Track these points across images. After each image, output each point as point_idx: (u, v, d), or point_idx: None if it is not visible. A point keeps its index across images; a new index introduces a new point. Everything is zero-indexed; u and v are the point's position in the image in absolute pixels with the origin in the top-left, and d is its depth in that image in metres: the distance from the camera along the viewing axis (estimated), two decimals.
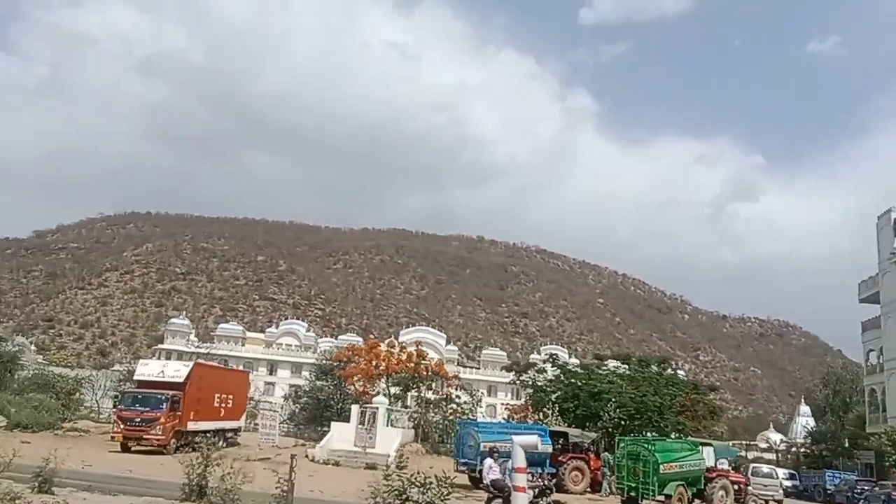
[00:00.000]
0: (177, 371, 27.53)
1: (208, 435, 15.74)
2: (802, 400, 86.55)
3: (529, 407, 42.63)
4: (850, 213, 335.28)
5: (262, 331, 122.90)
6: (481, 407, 60.24)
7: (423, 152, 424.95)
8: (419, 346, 48.12)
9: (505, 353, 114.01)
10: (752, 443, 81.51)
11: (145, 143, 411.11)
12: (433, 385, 44.36)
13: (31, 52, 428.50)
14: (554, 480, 20.34)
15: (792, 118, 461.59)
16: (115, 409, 25.44)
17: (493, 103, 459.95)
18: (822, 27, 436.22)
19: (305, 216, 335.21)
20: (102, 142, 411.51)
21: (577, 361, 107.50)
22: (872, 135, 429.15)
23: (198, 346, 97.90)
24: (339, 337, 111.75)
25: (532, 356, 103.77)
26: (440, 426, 37.36)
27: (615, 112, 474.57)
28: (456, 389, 46.23)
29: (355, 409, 31.81)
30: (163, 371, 27.35)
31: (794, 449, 69.40)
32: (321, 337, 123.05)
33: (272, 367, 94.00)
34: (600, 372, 40.76)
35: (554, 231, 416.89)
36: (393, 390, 42.20)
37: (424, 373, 43.66)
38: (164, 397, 25.71)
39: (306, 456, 27.58)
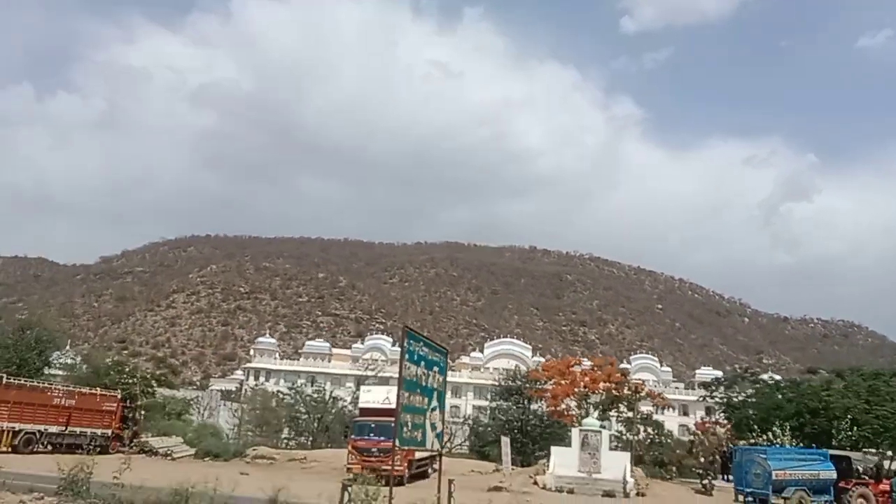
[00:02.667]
0: None
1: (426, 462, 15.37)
2: None
3: (715, 424, 41.30)
4: None
5: (347, 347, 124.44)
6: None
7: (470, 167, 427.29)
8: (612, 366, 46.33)
9: (591, 362, 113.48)
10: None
11: (199, 169, 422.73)
12: (636, 405, 42.71)
13: (88, 90, 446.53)
14: None
15: (845, 114, 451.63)
16: (349, 440, 25.33)
17: (537, 115, 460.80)
18: (873, 22, 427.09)
19: (358, 233, 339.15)
20: (159, 170, 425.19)
21: (669, 369, 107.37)
22: None
23: (283, 363, 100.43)
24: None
25: (622, 365, 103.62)
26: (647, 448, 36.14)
27: (661, 118, 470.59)
28: (658, 410, 44.78)
29: (576, 433, 30.53)
30: (388, 398, 26.78)
31: None
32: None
33: (359, 383, 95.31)
34: (829, 388, 37.52)
35: (606, 239, 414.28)
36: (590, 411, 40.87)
37: (626, 392, 42.24)
38: None
39: (535, 483, 26.99)
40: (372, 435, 25.27)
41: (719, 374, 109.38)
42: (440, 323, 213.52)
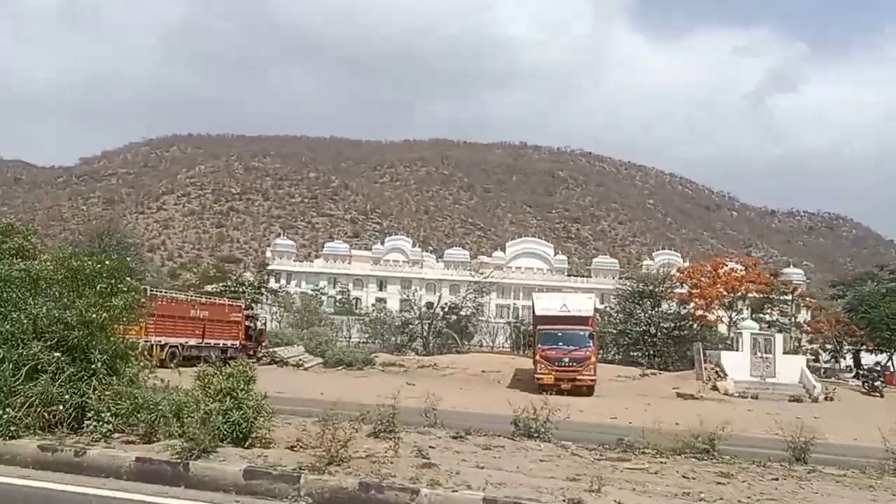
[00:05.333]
0: (581, 304, 26.46)
1: None
2: None
3: (831, 323, 40.09)
4: None
5: (367, 248, 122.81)
6: None
7: (453, 57, 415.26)
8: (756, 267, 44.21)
9: (617, 262, 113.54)
10: None
11: (172, 65, 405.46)
12: (794, 307, 41.40)
13: None
14: None
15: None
16: (536, 348, 24.12)
17: (521, 2, 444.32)
18: None
19: (342, 131, 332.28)
20: (127, 65, 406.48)
21: (685, 264, 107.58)
22: None
23: (305, 265, 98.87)
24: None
25: (646, 262, 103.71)
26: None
27: (649, 5, 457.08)
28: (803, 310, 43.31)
29: (747, 336, 29.33)
30: (565, 305, 26.12)
31: None
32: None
33: (381, 283, 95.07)
34: None
35: (595, 132, 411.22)
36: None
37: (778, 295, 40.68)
38: (587, 334, 24.77)
39: (714, 388, 25.92)
40: (561, 344, 24.20)
41: (615, 262, 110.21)
42: (435, 223, 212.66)
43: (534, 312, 26.59)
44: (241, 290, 39.62)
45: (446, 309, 42.57)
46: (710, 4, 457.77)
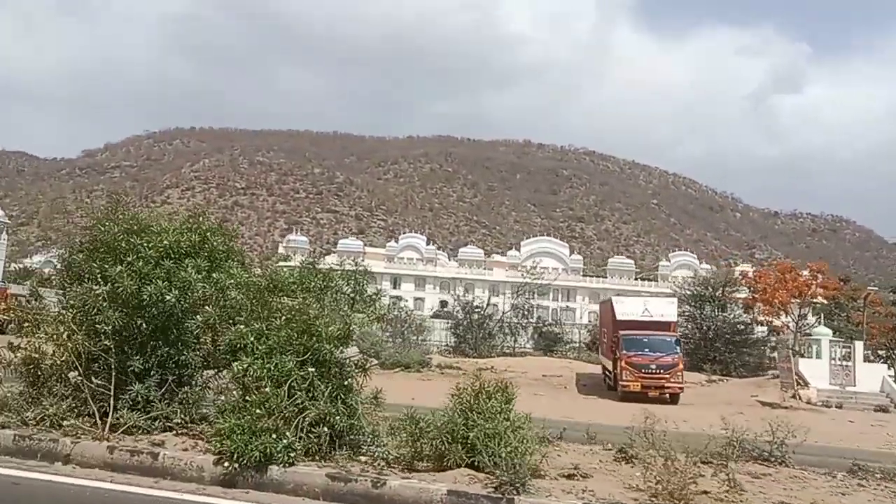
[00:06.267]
0: (664, 309, 26.03)
1: None
2: None
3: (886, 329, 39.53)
4: None
5: (382, 246, 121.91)
6: None
7: (455, 55, 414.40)
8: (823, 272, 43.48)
9: (633, 261, 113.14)
10: None
11: (172, 57, 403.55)
12: (862, 312, 40.66)
13: None
14: None
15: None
16: (622, 354, 23.53)
17: (523, 1, 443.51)
18: None
19: (345, 126, 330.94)
20: (129, 58, 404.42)
21: (707, 266, 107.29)
22: None
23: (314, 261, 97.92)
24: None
25: (662, 263, 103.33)
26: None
27: (652, 3, 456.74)
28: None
29: (825, 342, 29.02)
30: (646, 309, 25.74)
31: None
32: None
33: (395, 281, 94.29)
34: None
35: (598, 131, 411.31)
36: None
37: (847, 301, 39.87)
38: (674, 340, 24.45)
39: (795, 397, 25.23)
40: (647, 350, 23.69)
41: (631, 262, 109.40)
42: (440, 220, 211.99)
43: (613, 317, 25.84)
44: None
45: (494, 310, 41.80)
46: (713, 2, 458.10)
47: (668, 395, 23.12)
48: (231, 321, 7.44)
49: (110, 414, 7.36)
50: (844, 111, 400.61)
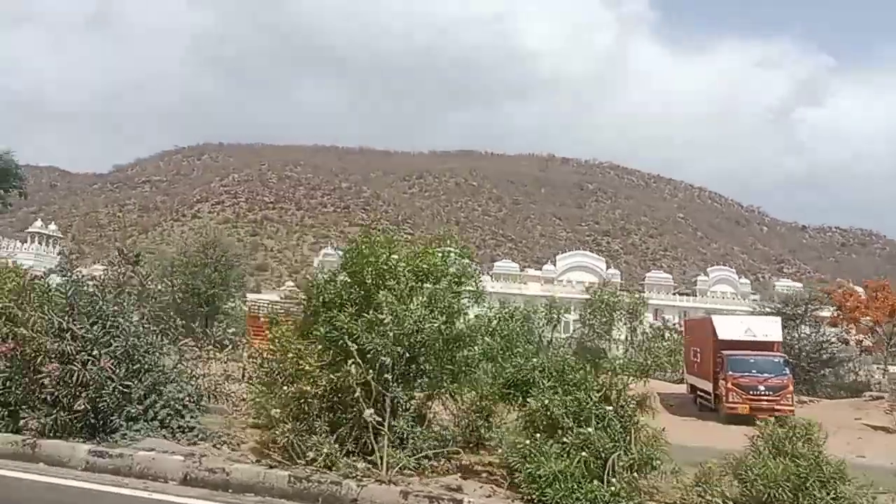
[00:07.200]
0: (768, 329, 25.83)
1: None
2: None
3: None
4: None
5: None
6: None
7: (475, 68, 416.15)
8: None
9: (671, 276, 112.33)
10: None
11: (199, 74, 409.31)
12: None
13: None
14: None
15: (865, 11, 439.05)
16: (728, 375, 23.49)
17: (543, 13, 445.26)
18: None
19: (368, 141, 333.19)
20: (155, 73, 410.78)
21: (747, 281, 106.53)
22: None
23: None
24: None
25: (700, 278, 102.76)
26: None
27: (671, 16, 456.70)
28: None
29: None
30: (749, 329, 25.53)
31: None
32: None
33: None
34: None
35: (620, 145, 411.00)
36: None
37: None
38: (782, 361, 24.30)
39: None
40: (754, 371, 23.57)
41: (669, 276, 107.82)
42: (466, 233, 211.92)
43: (714, 336, 25.74)
44: None
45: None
46: (733, 14, 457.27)
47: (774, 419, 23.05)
48: (511, 353, 7.44)
49: (376, 451, 7.13)
50: (869, 123, 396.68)
